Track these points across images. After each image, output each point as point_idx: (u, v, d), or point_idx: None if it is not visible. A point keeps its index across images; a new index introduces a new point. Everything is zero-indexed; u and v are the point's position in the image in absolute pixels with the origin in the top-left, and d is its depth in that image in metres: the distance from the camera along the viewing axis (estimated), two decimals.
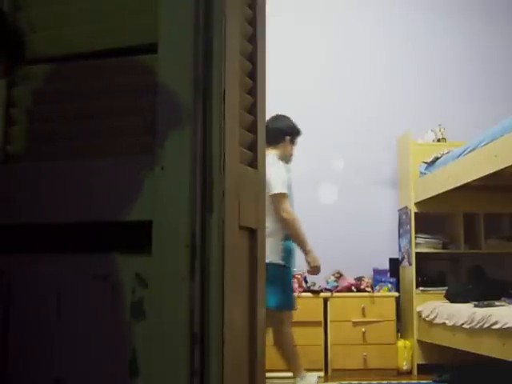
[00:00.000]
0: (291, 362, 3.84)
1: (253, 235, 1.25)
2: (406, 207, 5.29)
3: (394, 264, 5.40)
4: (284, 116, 3.82)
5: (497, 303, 4.32)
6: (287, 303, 3.79)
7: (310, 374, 3.94)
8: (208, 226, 1.06)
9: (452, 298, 4.80)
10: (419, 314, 5.00)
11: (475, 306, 4.27)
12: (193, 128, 1.07)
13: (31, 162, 1.19)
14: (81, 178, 1.12)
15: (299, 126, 5.45)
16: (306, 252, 3.80)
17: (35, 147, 1.20)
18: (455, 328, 4.31)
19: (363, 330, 4.46)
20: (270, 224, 3.54)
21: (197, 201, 1.06)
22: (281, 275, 3.70)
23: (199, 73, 1.08)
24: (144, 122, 1.10)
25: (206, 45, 1.09)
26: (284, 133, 3.81)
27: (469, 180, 4.25)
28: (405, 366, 4.94)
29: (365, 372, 4.30)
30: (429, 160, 5.11)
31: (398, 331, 5.01)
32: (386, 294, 5.02)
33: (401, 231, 5.43)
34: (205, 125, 1.08)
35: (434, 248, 5.27)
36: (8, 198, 1.17)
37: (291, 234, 3.72)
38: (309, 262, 3.82)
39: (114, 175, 1.09)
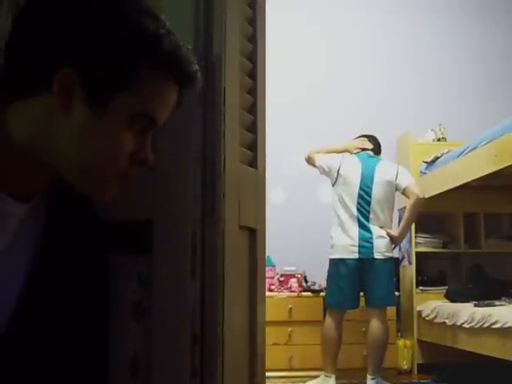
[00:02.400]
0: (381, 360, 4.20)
1: (253, 235, 1.25)
2: (406, 207, 5.29)
3: (394, 263, 5.39)
4: None
5: (497, 303, 4.33)
6: None
7: None
8: (208, 226, 1.06)
9: (452, 297, 4.80)
10: (419, 313, 4.99)
11: (475, 305, 4.27)
12: (193, 127, 1.07)
13: None
14: None
15: (299, 125, 5.47)
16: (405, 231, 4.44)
17: None
18: (455, 327, 4.31)
19: (363, 329, 4.45)
20: (388, 220, 4.22)
21: (197, 201, 1.06)
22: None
23: (199, 73, 1.08)
24: None
25: (206, 44, 1.09)
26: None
27: (469, 180, 4.25)
28: (405, 366, 4.94)
29: (365, 371, 4.30)
30: (429, 160, 5.11)
31: (398, 331, 5.01)
32: None
33: None
34: (205, 124, 1.08)
35: (434, 247, 5.27)
36: None
37: (415, 214, 4.33)
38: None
39: None
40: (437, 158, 5.03)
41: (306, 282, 5.12)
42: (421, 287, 5.12)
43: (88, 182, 0.90)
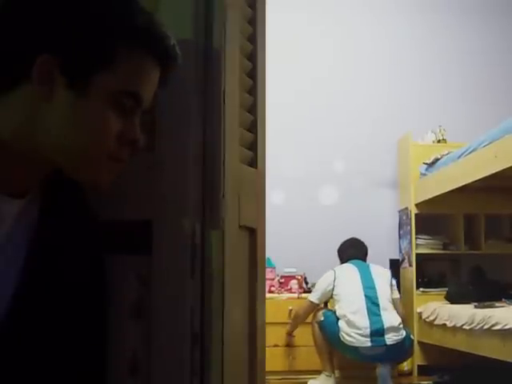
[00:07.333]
0: None
1: (253, 235, 1.25)
2: (407, 208, 5.29)
3: (395, 265, 5.39)
4: None
5: (497, 304, 4.32)
6: None
7: None
8: (208, 226, 1.06)
9: (452, 299, 4.80)
10: (420, 315, 4.99)
11: (475, 307, 4.27)
12: (193, 127, 1.07)
13: None
14: None
15: (300, 127, 5.47)
16: None
17: None
18: (455, 329, 4.31)
19: None
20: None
21: (197, 200, 1.06)
22: None
23: (200, 72, 1.08)
24: (144, 121, 1.09)
25: (206, 44, 1.09)
26: None
27: (469, 181, 4.25)
28: (405, 367, 4.94)
29: (366, 372, 4.30)
30: (429, 161, 5.11)
31: None
32: None
33: (401, 232, 5.43)
34: (205, 124, 1.08)
35: (435, 249, 5.27)
36: None
37: None
38: None
39: None
40: (437, 159, 5.03)
41: (307, 283, 5.12)
42: (421, 289, 5.12)
43: (80, 167, 0.90)
